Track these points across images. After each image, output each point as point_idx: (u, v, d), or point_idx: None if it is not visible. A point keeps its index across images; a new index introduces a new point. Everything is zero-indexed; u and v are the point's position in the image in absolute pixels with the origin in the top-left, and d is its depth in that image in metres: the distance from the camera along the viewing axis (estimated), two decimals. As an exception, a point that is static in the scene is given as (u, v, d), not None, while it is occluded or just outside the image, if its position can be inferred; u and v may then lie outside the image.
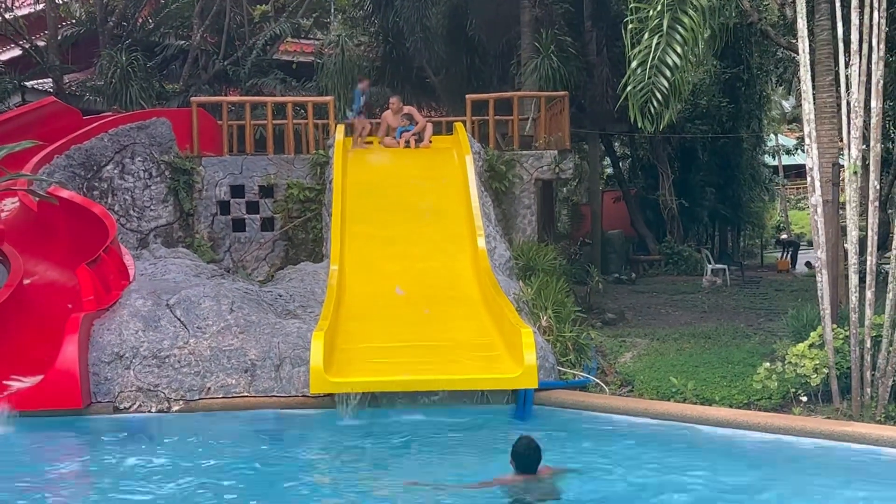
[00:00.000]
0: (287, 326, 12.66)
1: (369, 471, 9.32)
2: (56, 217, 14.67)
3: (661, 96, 12.19)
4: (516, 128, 19.20)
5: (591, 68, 24.14)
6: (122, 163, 17.58)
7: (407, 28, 24.98)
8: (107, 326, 12.24)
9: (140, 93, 24.25)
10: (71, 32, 28.68)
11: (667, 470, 8.93)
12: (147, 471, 9.17)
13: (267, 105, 19.70)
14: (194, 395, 11.74)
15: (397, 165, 17.62)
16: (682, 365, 12.15)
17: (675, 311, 17.98)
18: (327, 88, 23.24)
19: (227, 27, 27.83)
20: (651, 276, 24.99)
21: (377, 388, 11.39)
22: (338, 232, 15.27)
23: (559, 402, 11.58)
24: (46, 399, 11.20)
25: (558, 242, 20.56)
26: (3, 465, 9.61)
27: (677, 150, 29.94)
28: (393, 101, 18.80)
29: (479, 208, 15.50)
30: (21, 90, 25.23)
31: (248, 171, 18.15)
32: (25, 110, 18.84)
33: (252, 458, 9.72)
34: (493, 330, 12.84)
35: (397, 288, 14.21)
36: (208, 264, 16.20)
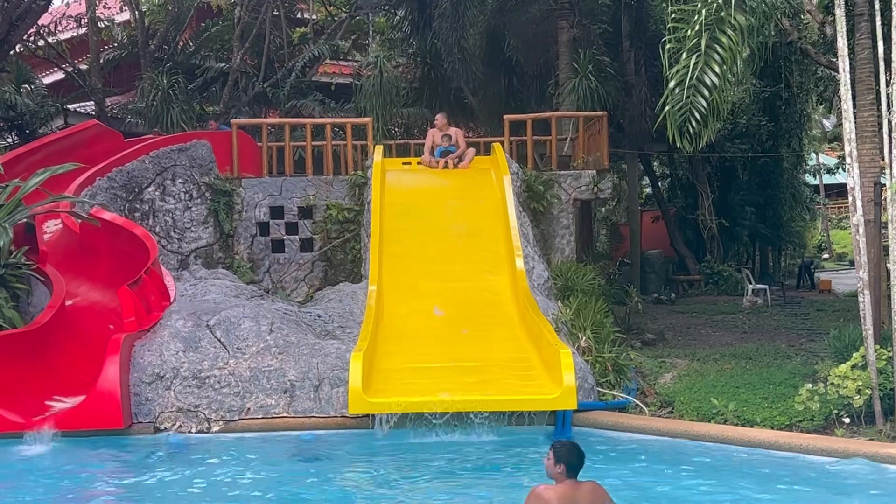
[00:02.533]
0: (326, 347, 12.69)
1: (408, 492, 9.29)
2: (98, 239, 14.82)
3: (699, 116, 12.14)
4: (554, 148, 19.17)
5: (630, 88, 24.10)
6: (163, 184, 17.74)
7: (445, 49, 25.05)
8: (148, 347, 12.34)
9: (181, 115, 24.46)
10: (113, 56, 29.08)
11: (708, 492, 8.85)
12: (187, 491, 9.21)
13: (306, 126, 19.82)
14: (234, 416, 11.79)
15: (435, 186, 17.64)
16: (722, 386, 12.04)
17: (715, 331, 17.84)
18: (366, 109, 23.34)
19: (267, 49, 28.07)
20: (691, 297, 24.83)
21: (416, 408, 11.37)
22: (376, 252, 15.30)
23: (598, 423, 11.52)
24: (88, 419, 11.28)
25: (597, 262, 20.47)
26: (46, 484, 9.68)
27: (717, 169, 29.78)
28: (438, 118, 18.75)
29: (517, 228, 15.49)
30: (64, 113, 25.52)
31: (288, 192, 18.25)
32: (68, 133, 19.06)
33: (291, 479, 9.74)
34: (532, 350, 12.80)
35: (436, 308, 14.21)
36: (248, 285, 16.27)
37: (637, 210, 28.07)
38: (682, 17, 12.45)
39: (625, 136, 25.22)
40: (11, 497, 9.28)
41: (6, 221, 13.48)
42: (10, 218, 13.68)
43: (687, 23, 12.32)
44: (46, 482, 9.77)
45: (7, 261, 13.27)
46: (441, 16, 24.59)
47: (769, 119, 28.85)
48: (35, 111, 24.49)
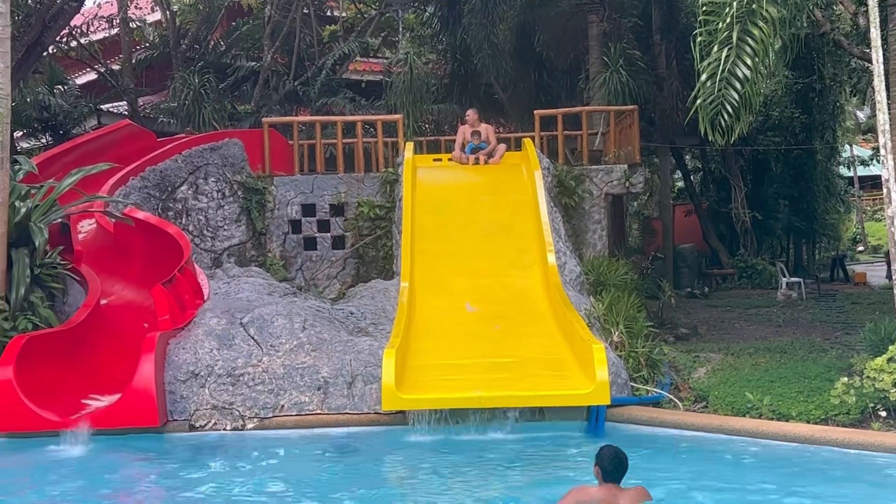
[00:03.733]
0: (359, 344, 12.73)
1: (442, 488, 9.31)
2: (132, 238, 14.93)
3: (731, 109, 12.06)
4: (585, 143, 19.12)
5: (661, 81, 23.99)
6: (196, 183, 17.83)
7: (475, 45, 25.00)
8: (182, 345, 12.42)
9: (212, 114, 24.56)
10: (145, 56, 29.25)
11: (743, 487, 8.80)
12: (223, 489, 9.26)
13: (337, 124, 19.86)
14: (268, 413, 11.85)
15: (466, 182, 17.63)
16: (757, 380, 11.97)
17: (749, 325, 17.74)
18: (396, 106, 23.35)
19: (297, 48, 28.13)
20: (724, 290, 24.68)
21: (449, 404, 11.38)
22: (408, 249, 15.31)
23: (632, 418, 11.49)
24: (124, 417, 11.37)
25: (629, 257, 20.41)
26: (83, 482, 9.76)
27: (750, 162, 29.58)
28: (469, 113, 18.73)
29: (548, 224, 15.46)
30: (97, 113, 25.72)
31: (319, 189, 18.31)
32: (101, 133, 19.22)
33: (326, 476, 9.78)
34: (565, 346, 12.78)
35: (468, 304, 14.21)
36: (281, 283, 16.34)
37: (669, 204, 27.92)
38: (714, 9, 12.37)
39: (656, 130, 25.09)
40: (49, 495, 9.37)
41: (41, 221, 13.60)
42: (45, 218, 13.80)
43: (718, 15, 12.24)
44: (83, 480, 9.85)
45: (42, 260, 13.39)
46: (470, 11, 24.55)
47: (802, 111, 28.62)
48: (68, 112, 24.75)
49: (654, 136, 25.13)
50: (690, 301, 21.77)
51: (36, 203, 13.91)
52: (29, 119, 24.29)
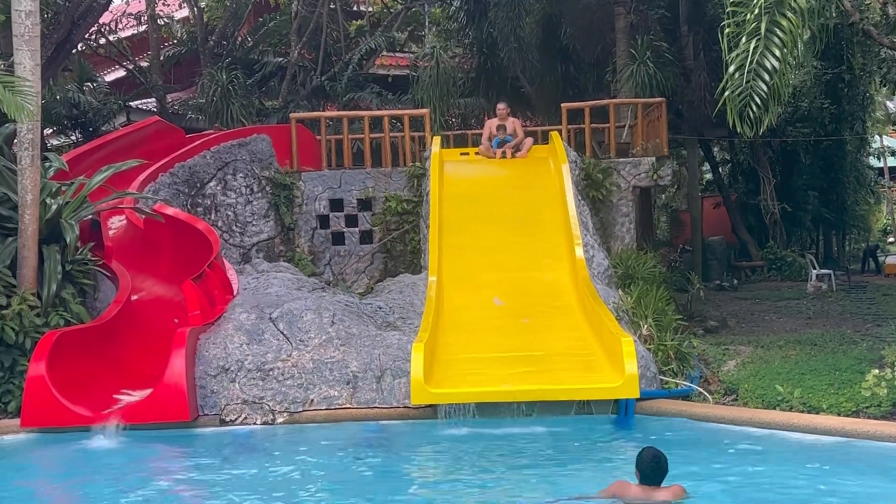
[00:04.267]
0: (387, 338, 12.77)
1: (471, 481, 9.31)
2: (161, 234, 15.02)
3: (760, 100, 11.98)
4: (613, 135, 19.07)
5: (688, 73, 23.88)
6: (225, 179, 17.92)
7: (501, 38, 24.99)
8: (212, 340, 12.48)
9: (240, 110, 24.70)
10: (173, 53, 29.44)
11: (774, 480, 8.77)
12: (254, 483, 9.30)
13: (364, 119, 19.90)
14: (298, 408, 11.89)
15: (494, 176, 17.63)
16: (787, 372, 11.91)
17: (779, 317, 17.65)
18: (423, 101, 23.37)
19: (324, 43, 28.22)
20: (753, 283, 24.57)
21: (477, 398, 11.39)
22: (435, 243, 15.34)
23: (662, 411, 11.47)
24: (155, 412, 11.44)
25: (657, 250, 20.33)
26: (116, 477, 9.83)
27: (778, 153, 29.39)
28: (500, 108, 18.69)
29: (576, 217, 15.43)
30: (126, 110, 25.88)
31: (347, 184, 18.36)
32: (131, 130, 19.35)
33: (356, 469, 9.81)
34: (593, 339, 12.77)
35: (496, 298, 14.23)
36: (309, 278, 16.39)
37: (697, 196, 27.80)
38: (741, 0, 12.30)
39: (684, 122, 24.98)
40: (82, 489, 9.45)
41: (72, 218, 13.70)
42: (75, 214, 13.89)
43: (746, 6, 12.15)
44: (115, 475, 9.91)
45: (74, 257, 13.48)
46: (497, 5, 24.55)
47: (831, 102, 28.43)
48: (98, 109, 24.93)
49: (681, 129, 25.03)
50: (719, 293, 21.69)
51: (66, 200, 14.01)
52: (59, 116, 24.48)
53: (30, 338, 12.30)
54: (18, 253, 12.93)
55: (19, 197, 13.02)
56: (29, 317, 12.45)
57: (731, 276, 25.20)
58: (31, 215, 12.90)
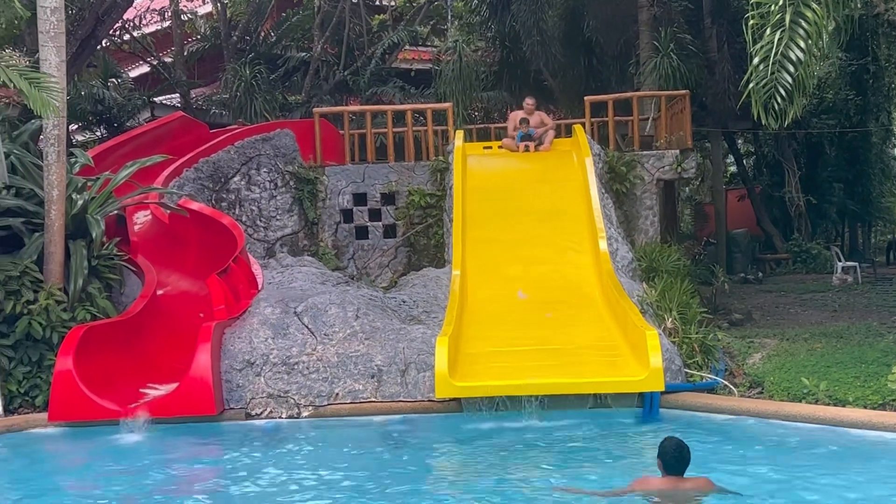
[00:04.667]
0: (412, 332, 12.79)
1: (496, 475, 9.32)
2: (186, 229, 15.09)
3: (784, 92, 11.92)
4: (636, 128, 19.02)
5: (712, 65, 23.76)
6: (249, 174, 17.99)
7: (523, 32, 24.95)
8: (237, 334, 12.54)
9: (264, 105, 24.76)
10: (196, 48, 29.52)
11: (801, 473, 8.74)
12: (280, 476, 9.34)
13: (387, 113, 19.94)
14: (323, 401, 11.94)
15: (517, 169, 17.61)
16: (813, 365, 11.87)
17: (804, 310, 17.58)
18: (445, 95, 23.36)
19: (347, 38, 28.24)
20: (778, 275, 24.47)
21: (502, 392, 11.40)
22: (459, 237, 15.34)
23: (687, 404, 11.43)
24: (181, 406, 11.50)
25: (682, 243, 20.29)
26: (143, 470, 9.90)
27: (803, 145, 29.26)
28: (528, 103, 18.66)
29: (599, 210, 15.40)
30: (150, 106, 25.99)
31: (370, 179, 18.40)
32: (155, 125, 19.45)
33: (380, 463, 9.83)
34: (617, 332, 12.74)
35: (519, 292, 14.22)
36: (333, 272, 16.43)
37: (722, 189, 27.70)
38: (766, -9, 12.24)
39: (708, 115, 24.89)
40: (110, 482, 9.52)
41: (98, 213, 13.78)
42: (101, 210, 13.98)
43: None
44: (143, 468, 9.98)
45: (100, 252, 13.56)
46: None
47: (856, 93, 28.26)
48: (122, 104, 25.06)
49: (705, 121, 24.94)
50: (744, 286, 21.61)
51: (92, 195, 14.09)
52: (84, 112, 24.61)
53: (57, 332, 12.40)
54: (45, 248, 13.02)
55: (45, 192, 13.10)
56: (56, 311, 12.54)
57: (756, 268, 25.11)
58: (57, 211, 12.98)
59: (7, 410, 12.02)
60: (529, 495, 8.44)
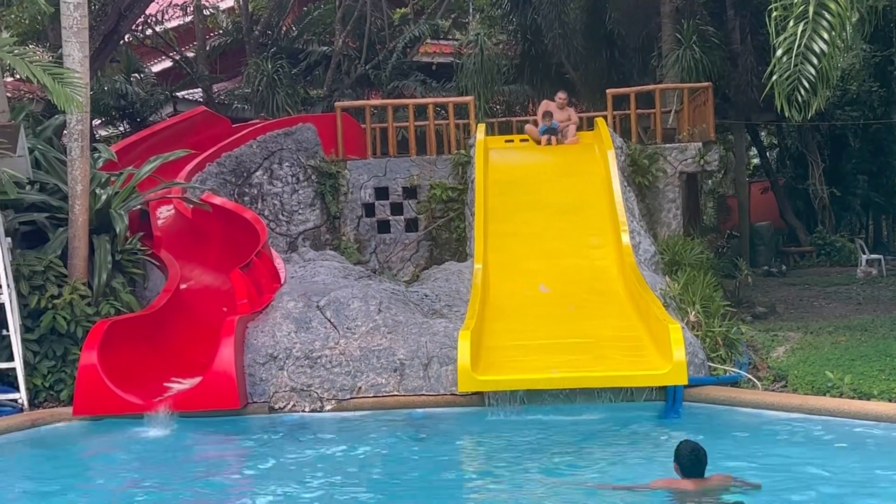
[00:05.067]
0: (434, 326, 12.79)
1: (519, 469, 9.32)
2: (209, 223, 15.15)
3: (808, 84, 11.85)
4: (659, 121, 18.95)
5: (735, 57, 23.64)
6: (271, 168, 18.03)
7: (545, 24, 24.90)
8: (260, 328, 12.57)
9: (286, 99, 24.82)
10: (218, 43, 29.60)
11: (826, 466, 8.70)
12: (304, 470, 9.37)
13: (408, 107, 19.92)
14: (346, 395, 11.95)
15: (539, 163, 17.59)
16: (837, 359, 11.80)
17: (828, 303, 17.50)
18: (467, 88, 23.34)
19: (368, 32, 28.25)
20: (802, 268, 24.37)
21: (525, 385, 11.39)
22: (481, 231, 15.33)
23: (710, 398, 11.39)
24: (205, 400, 11.53)
25: (705, 236, 20.22)
26: (168, 463, 9.95)
27: (827, 137, 29.10)
28: (561, 97, 18.61)
29: (622, 203, 15.36)
30: (173, 100, 26.09)
31: (392, 172, 18.40)
32: (178, 120, 19.52)
33: (403, 456, 9.85)
34: (640, 326, 12.72)
35: (542, 285, 14.21)
36: (355, 266, 16.46)
37: (745, 181, 27.59)
38: (789, -17, 12.17)
39: (731, 107, 24.77)
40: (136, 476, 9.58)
41: (122, 208, 13.84)
42: (125, 205, 14.04)
43: (794, -11, 12.03)
44: (168, 462, 10.04)
45: (123, 247, 13.63)
46: (541, -10, 24.47)
47: (881, 85, 28.06)
48: (145, 99, 25.17)
49: (728, 113, 24.83)
50: (767, 279, 21.53)
51: (116, 190, 14.15)
52: (107, 107, 24.72)
53: (81, 327, 12.46)
54: (69, 243, 13.09)
55: (69, 187, 13.17)
56: (80, 306, 12.60)
57: (780, 261, 25.02)
58: (81, 206, 13.04)
59: (32, 404, 12.09)
60: (552, 489, 8.44)
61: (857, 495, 7.89)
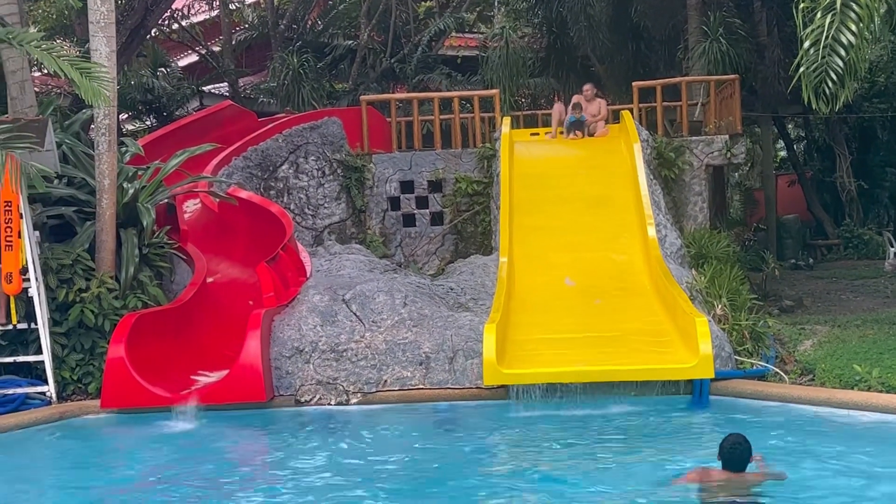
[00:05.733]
0: (459, 319, 12.79)
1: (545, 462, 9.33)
2: (235, 217, 15.20)
3: (835, 76, 11.78)
4: (685, 114, 18.86)
5: (762, 50, 23.48)
6: (297, 162, 18.07)
7: (570, 17, 24.85)
8: (286, 322, 12.62)
9: (311, 93, 24.87)
10: (244, 37, 29.72)
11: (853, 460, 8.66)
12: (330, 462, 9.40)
13: (434, 100, 19.91)
14: (371, 388, 11.98)
15: (564, 156, 17.56)
16: (865, 352, 11.72)
17: (856, 296, 17.38)
18: (492, 81, 23.33)
19: (394, 25, 28.28)
20: (830, 262, 24.20)
21: (550, 379, 11.37)
22: (506, 224, 15.31)
23: (737, 391, 11.35)
24: (232, 393, 11.58)
25: (731, 229, 20.11)
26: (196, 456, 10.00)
27: (855, 130, 28.83)
28: (587, 88, 18.59)
29: (648, 196, 15.29)
30: (199, 95, 26.21)
31: (417, 166, 18.41)
32: (204, 114, 19.61)
33: (429, 449, 9.86)
34: (666, 319, 12.67)
35: (567, 279, 14.18)
36: (381, 259, 16.48)
37: (772, 174, 27.42)
38: (817, -26, 12.09)
39: (758, 99, 24.62)
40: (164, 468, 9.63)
41: (148, 202, 13.91)
42: (152, 198, 14.11)
43: (821, -20, 11.95)
44: (196, 454, 10.09)
45: (150, 240, 13.69)
46: (566, -17, 24.41)
47: (910, 77, 27.81)
48: (171, 94, 25.28)
49: (755, 106, 24.68)
50: (795, 273, 21.41)
51: (143, 184, 14.22)
52: (133, 102, 24.84)
53: (108, 320, 12.55)
54: (97, 237, 13.17)
55: (97, 182, 13.25)
56: (107, 299, 12.68)
57: (807, 254, 24.85)
58: (108, 199, 13.11)
59: (60, 397, 12.18)
60: (577, 482, 8.43)
61: (886, 489, 7.84)
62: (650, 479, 8.24)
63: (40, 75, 21.98)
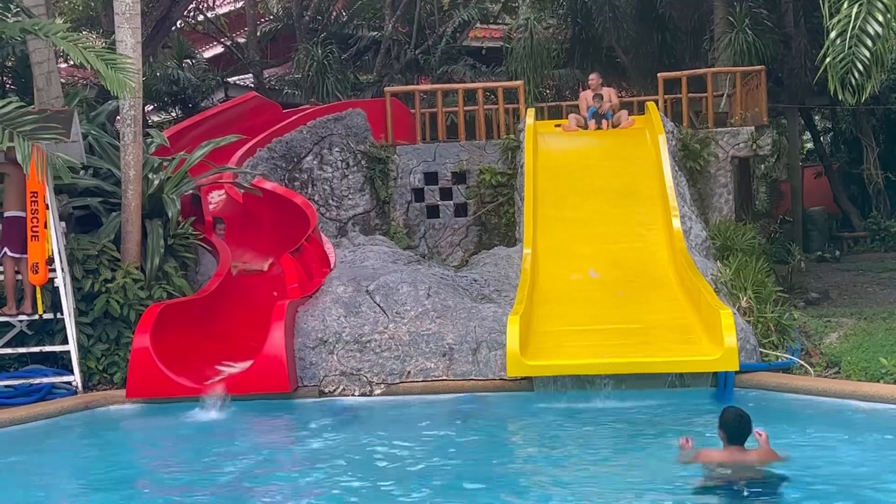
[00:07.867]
0: (483, 310, 12.79)
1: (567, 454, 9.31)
2: (260, 208, 15.27)
3: (862, 67, 11.70)
4: (710, 105, 18.77)
5: (788, 40, 23.33)
6: (321, 154, 18.10)
7: (595, 8, 24.75)
8: (310, 313, 12.65)
9: (335, 84, 24.89)
10: (269, 28, 29.79)
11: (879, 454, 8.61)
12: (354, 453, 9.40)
13: (458, 92, 19.89)
14: (395, 379, 12.00)
15: (589, 147, 17.50)
16: (891, 345, 11.63)
17: (882, 289, 17.26)
18: (517, 73, 23.28)
19: (418, 16, 28.26)
20: (856, 254, 24.07)
21: (574, 370, 11.36)
22: (530, 216, 15.29)
23: (762, 384, 11.30)
24: (256, 384, 11.62)
25: (757, 221, 20.02)
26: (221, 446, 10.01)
27: (882, 121, 28.62)
28: (592, 78, 18.57)
29: (673, 188, 15.24)
30: (224, 86, 26.30)
31: (441, 157, 18.41)
32: (229, 105, 19.68)
33: (452, 441, 9.85)
34: (691, 311, 12.63)
35: (591, 270, 14.15)
36: (405, 251, 16.49)
37: (798, 166, 27.27)
38: (843, -36, 12.00)
39: (784, 91, 24.48)
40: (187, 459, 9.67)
41: (174, 193, 13.97)
42: (177, 189, 14.17)
43: (848, -29, 11.87)
44: (221, 444, 10.10)
45: (175, 231, 13.76)
46: (591, -26, 24.30)
47: (938, 67, 27.57)
48: (197, 85, 25.37)
49: (781, 97, 24.55)
50: (821, 265, 21.29)
51: (168, 175, 14.29)
52: (159, 93, 24.95)
53: (134, 310, 12.62)
54: (122, 227, 13.24)
55: (122, 172, 13.32)
56: (133, 290, 12.75)
57: (833, 247, 24.72)
58: (133, 190, 13.18)
59: (86, 387, 12.26)
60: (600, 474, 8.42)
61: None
62: (674, 472, 8.20)
63: (66, 66, 22.10)
